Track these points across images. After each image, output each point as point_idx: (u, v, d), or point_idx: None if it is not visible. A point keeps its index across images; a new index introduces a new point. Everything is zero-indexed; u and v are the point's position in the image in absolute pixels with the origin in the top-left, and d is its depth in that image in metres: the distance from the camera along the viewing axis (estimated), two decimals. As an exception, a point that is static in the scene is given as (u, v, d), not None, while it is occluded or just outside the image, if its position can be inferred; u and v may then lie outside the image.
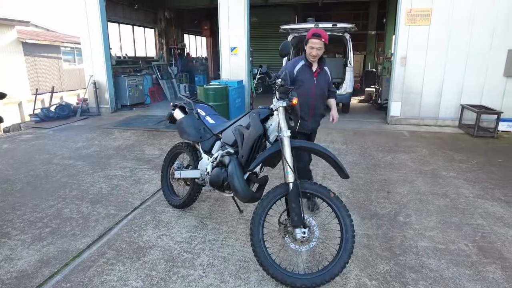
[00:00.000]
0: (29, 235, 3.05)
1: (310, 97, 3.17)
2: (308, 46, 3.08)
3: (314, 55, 3.05)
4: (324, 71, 3.24)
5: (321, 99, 3.26)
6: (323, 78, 3.22)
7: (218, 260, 2.67)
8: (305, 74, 3.15)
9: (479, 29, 6.88)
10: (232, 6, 8.28)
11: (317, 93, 3.19)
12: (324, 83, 3.22)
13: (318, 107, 3.26)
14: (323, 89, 3.22)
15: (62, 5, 46.87)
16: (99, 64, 9.16)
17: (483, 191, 4.00)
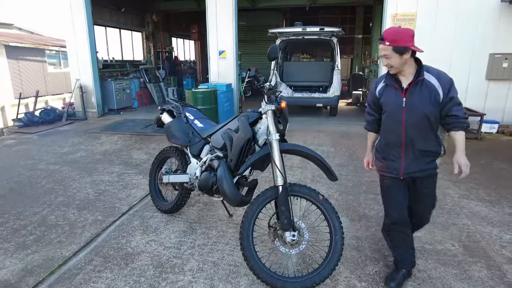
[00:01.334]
0: (12, 244, 2.96)
1: (398, 126, 2.18)
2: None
3: (385, 65, 2.16)
4: (427, 84, 2.13)
5: (418, 128, 2.15)
6: (422, 95, 2.11)
7: (207, 265, 2.65)
8: (390, 95, 2.22)
9: (461, 33, 7.06)
10: (220, 9, 8.29)
11: (409, 120, 2.14)
12: (424, 103, 2.11)
13: (417, 140, 2.17)
14: (422, 112, 2.11)
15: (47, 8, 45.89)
16: (85, 67, 9.03)
17: (468, 191, 4.08)
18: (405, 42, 2.04)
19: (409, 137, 2.18)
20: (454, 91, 2.13)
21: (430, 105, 2.12)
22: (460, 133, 2.14)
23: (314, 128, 7.63)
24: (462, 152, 2.14)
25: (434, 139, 2.20)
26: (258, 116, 2.57)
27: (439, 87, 2.12)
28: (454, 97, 2.14)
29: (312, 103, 9.01)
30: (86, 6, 8.65)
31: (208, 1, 8.31)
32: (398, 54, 2.06)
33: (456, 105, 2.13)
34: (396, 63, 2.10)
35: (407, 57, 2.07)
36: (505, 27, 6.88)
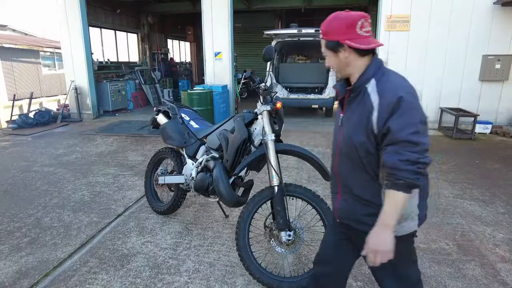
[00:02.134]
0: (6, 246, 2.94)
1: (334, 149, 1.60)
2: None
3: (328, 66, 1.56)
4: (366, 99, 1.37)
5: (351, 162, 1.46)
6: (356, 115, 1.41)
7: (203, 266, 2.65)
8: (338, 107, 1.60)
9: (455, 35, 7.13)
10: (215, 11, 8.30)
11: (342, 147, 1.50)
12: (355, 128, 1.41)
13: (349, 178, 1.50)
14: (350, 140, 1.43)
15: (42, 9, 45.69)
16: (80, 69, 8.99)
17: (462, 191, 4.12)
18: (337, 34, 1.38)
19: (341, 171, 1.53)
20: (398, 119, 1.27)
21: (360, 133, 1.38)
22: (387, 192, 1.32)
23: (310, 129, 7.66)
24: (379, 226, 1.33)
25: (371, 184, 1.43)
26: (253, 117, 2.58)
27: (376, 108, 1.32)
28: (391, 130, 1.27)
29: (308, 104, 9.04)
30: (81, 7, 8.62)
31: (204, 3, 8.32)
32: (331, 51, 1.44)
33: (392, 145, 1.28)
34: (333, 64, 1.47)
35: (346, 56, 1.39)
36: (498, 28, 6.97)
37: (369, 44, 1.37)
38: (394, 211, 1.31)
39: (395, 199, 1.30)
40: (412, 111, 1.28)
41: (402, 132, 1.26)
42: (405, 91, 1.30)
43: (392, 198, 1.31)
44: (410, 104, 1.28)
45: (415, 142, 1.25)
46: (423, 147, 1.27)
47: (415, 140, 1.25)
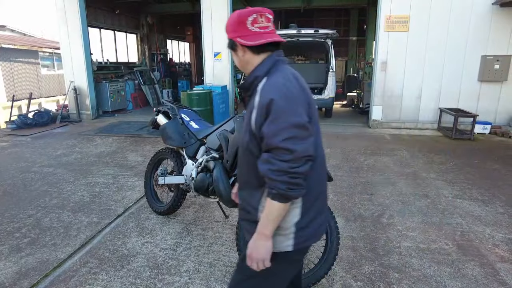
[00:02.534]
0: (6, 246, 2.94)
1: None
2: None
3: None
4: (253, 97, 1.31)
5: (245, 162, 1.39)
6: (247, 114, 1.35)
7: (204, 266, 2.65)
8: None
9: (454, 35, 7.15)
10: (215, 11, 8.31)
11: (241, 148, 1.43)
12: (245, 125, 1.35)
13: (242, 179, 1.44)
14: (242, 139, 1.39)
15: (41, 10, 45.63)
16: (79, 69, 8.98)
17: (462, 191, 4.13)
18: (231, 32, 1.34)
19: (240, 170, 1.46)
20: (270, 125, 1.19)
21: (247, 132, 1.33)
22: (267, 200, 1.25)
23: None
24: (256, 233, 1.29)
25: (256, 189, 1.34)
26: (253, 117, 2.58)
27: (255, 109, 1.26)
28: (264, 135, 1.21)
29: (307, 104, 9.04)
30: (80, 8, 8.62)
31: (203, 3, 8.33)
32: (230, 50, 1.40)
33: (266, 152, 1.22)
34: (236, 63, 1.43)
35: (243, 54, 1.35)
36: (496, 29, 6.99)
37: (258, 40, 1.27)
38: (268, 220, 1.25)
39: (270, 208, 1.24)
40: (284, 115, 1.17)
41: (274, 138, 1.17)
42: (279, 93, 1.20)
43: (267, 207, 1.25)
44: (281, 108, 1.17)
45: (288, 149, 1.15)
46: (298, 155, 1.15)
47: (288, 147, 1.15)
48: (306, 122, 1.20)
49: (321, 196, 1.39)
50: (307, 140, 1.19)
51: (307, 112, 1.23)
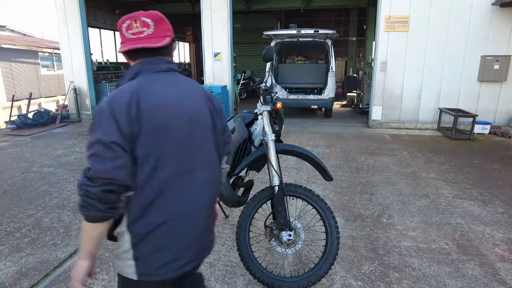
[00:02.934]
0: (6, 246, 2.94)
1: None
2: None
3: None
4: None
5: None
6: None
7: (204, 266, 2.65)
8: None
9: (453, 35, 7.16)
10: (215, 11, 8.31)
11: None
12: None
13: None
14: None
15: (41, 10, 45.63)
16: (79, 69, 8.98)
17: (461, 191, 4.13)
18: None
19: None
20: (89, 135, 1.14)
21: None
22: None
23: (309, 130, 7.67)
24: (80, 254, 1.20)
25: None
26: (254, 117, 2.59)
27: None
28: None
29: (307, 105, 9.06)
30: (80, 8, 8.62)
31: (203, 4, 8.33)
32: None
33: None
34: None
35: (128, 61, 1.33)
36: (496, 29, 7.00)
37: (126, 47, 1.23)
38: (84, 238, 1.17)
39: (83, 225, 1.15)
40: (95, 129, 1.11)
41: (86, 151, 1.11)
42: (104, 103, 1.14)
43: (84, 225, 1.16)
44: (95, 121, 1.13)
45: (89, 166, 1.08)
46: (94, 175, 1.07)
47: (90, 163, 1.08)
48: (112, 142, 1.08)
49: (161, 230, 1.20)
50: (108, 162, 1.07)
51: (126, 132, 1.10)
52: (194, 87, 1.33)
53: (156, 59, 1.26)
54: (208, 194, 1.31)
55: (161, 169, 1.17)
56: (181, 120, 1.21)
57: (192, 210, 1.26)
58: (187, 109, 1.24)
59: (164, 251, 1.21)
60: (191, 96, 1.28)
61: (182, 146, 1.21)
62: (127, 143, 1.10)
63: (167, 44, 1.26)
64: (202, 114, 1.29)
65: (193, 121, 1.24)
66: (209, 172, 1.31)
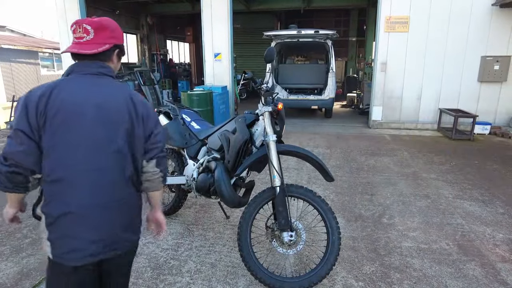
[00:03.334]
0: (8, 247, 2.94)
1: None
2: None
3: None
4: None
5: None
6: None
7: (205, 267, 2.65)
8: None
9: (453, 36, 7.17)
10: (215, 12, 8.32)
11: None
12: None
13: None
14: None
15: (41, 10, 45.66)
16: (79, 70, 8.96)
17: (462, 191, 4.14)
18: None
19: None
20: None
21: None
22: None
23: (310, 130, 7.67)
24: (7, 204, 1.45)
25: None
26: (255, 118, 2.59)
27: None
28: None
29: (307, 105, 9.07)
30: (80, 8, 8.62)
31: (203, 4, 8.34)
32: None
33: None
34: None
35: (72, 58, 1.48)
36: (496, 30, 7.01)
37: (65, 49, 1.41)
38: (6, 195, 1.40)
39: None
40: (15, 115, 1.32)
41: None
42: (24, 94, 1.32)
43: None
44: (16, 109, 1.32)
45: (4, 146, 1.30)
46: (3, 154, 1.27)
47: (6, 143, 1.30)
48: (19, 129, 1.26)
49: (65, 219, 1.31)
50: (16, 146, 1.27)
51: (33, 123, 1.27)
52: (118, 91, 1.41)
53: (89, 63, 1.39)
54: (108, 192, 1.37)
55: (63, 162, 1.30)
56: (86, 118, 1.31)
57: (93, 205, 1.34)
58: (94, 109, 1.33)
59: (69, 238, 1.32)
60: (108, 99, 1.37)
61: (84, 142, 1.31)
62: (34, 133, 1.27)
63: (104, 50, 1.38)
64: (115, 117, 1.36)
65: (99, 120, 1.33)
66: (110, 172, 1.36)
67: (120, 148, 1.36)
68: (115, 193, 1.38)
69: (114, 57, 1.46)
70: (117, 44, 1.45)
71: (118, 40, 1.45)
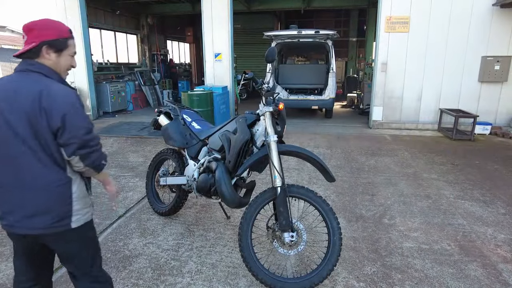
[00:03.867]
0: (8, 247, 2.93)
1: None
2: (68, 52, 1.63)
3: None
4: None
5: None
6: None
7: (206, 267, 2.64)
8: None
9: (454, 36, 7.16)
10: (215, 12, 8.32)
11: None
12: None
13: None
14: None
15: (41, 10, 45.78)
16: (80, 70, 8.96)
17: (463, 192, 4.13)
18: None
19: None
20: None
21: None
22: None
23: (310, 130, 7.66)
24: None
25: None
26: (256, 118, 2.58)
27: None
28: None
29: (308, 105, 9.06)
30: (81, 8, 8.62)
31: (204, 4, 8.33)
32: None
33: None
34: None
35: None
36: (497, 30, 7.00)
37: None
38: None
39: None
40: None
41: None
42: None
43: None
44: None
45: None
46: None
47: None
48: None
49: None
50: None
51: None
52: (30, 86, 1.50)
53: (22, 62, 1.57)
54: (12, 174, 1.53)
55: None
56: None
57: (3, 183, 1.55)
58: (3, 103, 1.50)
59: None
60: (18, 93, 1.50)
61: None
62: None
63: (29, 49, 1.52)
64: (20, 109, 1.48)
65: (6, 112, 1.49)
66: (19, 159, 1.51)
67: (25, 138, 1.49)
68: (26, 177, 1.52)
69: (45, 53, 1.55)
70: (45, 41, 1.54)
71: (47, 36, 1.54)
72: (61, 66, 1.62)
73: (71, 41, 1.64)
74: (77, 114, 1.57)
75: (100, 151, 1.65)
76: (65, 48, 1.61)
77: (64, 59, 1.62)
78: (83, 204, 1.68)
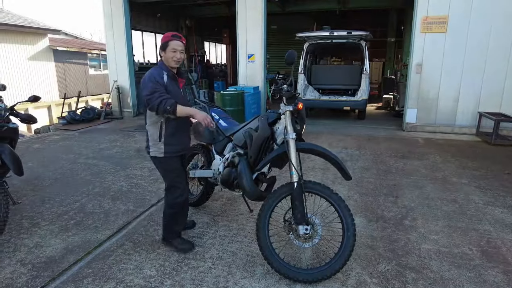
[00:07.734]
0: (57, 226, 3.33)
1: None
2: (169, 49, 2.59)
3: (179, 58, 2.61)
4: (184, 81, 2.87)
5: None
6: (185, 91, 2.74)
7: (226, 254, 2.84)
8: (173, 87, 2.66)
9: (497, 35, 6.79)
10: (249, 14, 8.54)
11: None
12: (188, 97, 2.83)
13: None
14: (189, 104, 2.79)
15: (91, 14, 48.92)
16: (122, 70, 9.62)
17: (494, 198, 3.99)
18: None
19: None
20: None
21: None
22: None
23: (341, 131, 7.64)
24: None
25: None
26: (277, 117, 2.73)
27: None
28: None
29: (339, 106, 9.01)
30: (125, 12, 9.24)
31: (238, 6, 8.59)
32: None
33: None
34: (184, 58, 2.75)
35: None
36: (546, 29, 6.55)
37: None
38: None
39: None
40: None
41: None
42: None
43: None
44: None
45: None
46: None
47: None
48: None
49: None
50: None
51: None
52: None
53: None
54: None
55: None
56: None
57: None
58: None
59: None
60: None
61: None
62: None
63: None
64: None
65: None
66: None
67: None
68: None
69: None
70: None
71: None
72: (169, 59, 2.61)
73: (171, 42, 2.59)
74: (143, 86, 2.55)
75: (159, 103, 2.44)
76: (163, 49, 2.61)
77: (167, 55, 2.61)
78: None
